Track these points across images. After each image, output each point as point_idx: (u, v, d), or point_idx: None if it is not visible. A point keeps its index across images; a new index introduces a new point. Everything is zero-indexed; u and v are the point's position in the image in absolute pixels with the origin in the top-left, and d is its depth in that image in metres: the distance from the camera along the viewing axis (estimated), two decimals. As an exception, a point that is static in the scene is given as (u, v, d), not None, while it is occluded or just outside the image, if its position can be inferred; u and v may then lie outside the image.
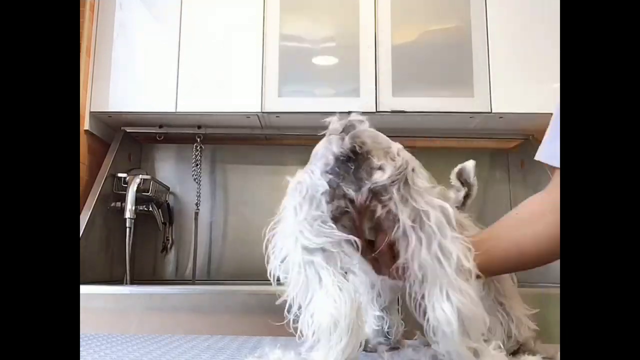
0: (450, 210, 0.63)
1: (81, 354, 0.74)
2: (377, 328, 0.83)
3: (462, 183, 0.88)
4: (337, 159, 0.64)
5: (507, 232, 0.75)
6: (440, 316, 0.60)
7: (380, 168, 0.64)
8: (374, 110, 1.86)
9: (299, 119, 1.94)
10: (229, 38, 1.93)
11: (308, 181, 0.65)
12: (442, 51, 1.92)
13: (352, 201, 0.64)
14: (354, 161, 0.64)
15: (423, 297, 0.62)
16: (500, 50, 1.91)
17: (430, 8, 1.96)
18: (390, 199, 0.63)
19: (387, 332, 0.83)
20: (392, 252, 0.65)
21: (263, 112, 1.88)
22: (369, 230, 0.67)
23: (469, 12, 1.93)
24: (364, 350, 0.81)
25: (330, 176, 0.64)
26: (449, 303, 0.60)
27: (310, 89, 1.92)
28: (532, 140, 2.10)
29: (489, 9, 1.92)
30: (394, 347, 0.82)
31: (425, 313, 0.62)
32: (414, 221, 0.62)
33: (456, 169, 0.88)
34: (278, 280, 0.63)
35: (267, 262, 0.64)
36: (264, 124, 2.03)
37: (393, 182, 0.63)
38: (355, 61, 1.90)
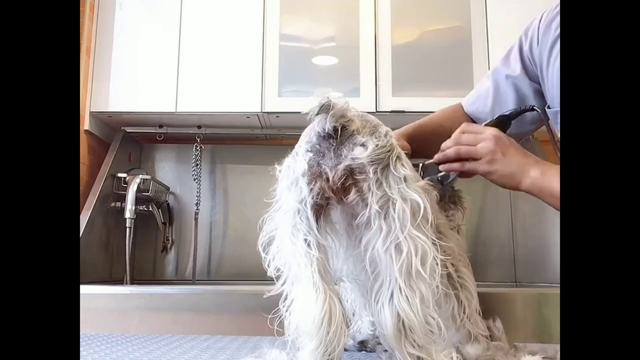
0: (422, 204, 0.57)
1: (81, 354, 0.74)
2: (371, 332, 0.81)
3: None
4: (319, 136, 0.60)
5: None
6: (381, 318, 0.56)
7: (363, 145, 0.59)
8: (374, 110, 1.85)
9: (299, 119, 1.92)
10: (229, 38, 1.93)
11: (291, 163, 0.62)
12: (442, 51, 1.92)
13: (328, 180, 0.59)
14: (337, 138, 0.59)
15: (375, 294, 0.58)
16: (500, 50, 1.89)
17: (430, 8, 1.96)
18: (365, 179, 0.58)
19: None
20: None
21: (263, 112, 1.88)
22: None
23: (469, 12, 1.93)
24: (364, 350, 0.81)
25: (311, 154, 0.60)
26: (390, 306, 0.55)
27: (310, 89, 1.92)
28: (531, 139, 2.10)
29: (489, 9, 1.92)
30: None
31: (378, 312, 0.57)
32: (381, 207, 0.57)
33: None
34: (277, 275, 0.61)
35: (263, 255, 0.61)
36: (264, 124, 2.03)
37: (372, 161, 0.58)
38: (355, 61, 1.90)
